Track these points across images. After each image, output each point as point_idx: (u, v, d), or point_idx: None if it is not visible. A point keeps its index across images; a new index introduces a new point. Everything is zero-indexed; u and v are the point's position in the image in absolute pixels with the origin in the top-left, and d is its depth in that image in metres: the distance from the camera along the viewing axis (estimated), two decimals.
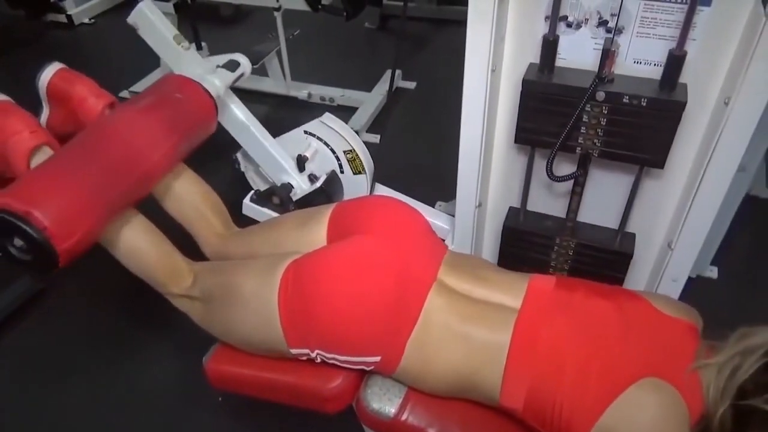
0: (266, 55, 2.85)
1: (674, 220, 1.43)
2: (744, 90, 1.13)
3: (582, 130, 1.31)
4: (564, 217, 1.51)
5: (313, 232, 1.18)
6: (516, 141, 1.40)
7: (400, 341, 1.01)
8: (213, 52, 3.18)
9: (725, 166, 1.24)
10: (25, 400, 1.74)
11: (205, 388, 1.22)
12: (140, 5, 1.65)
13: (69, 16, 3.76)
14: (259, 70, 2.96)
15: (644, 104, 1.22)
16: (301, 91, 3.01)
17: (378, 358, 1.03)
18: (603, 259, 1.48)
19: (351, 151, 1.76)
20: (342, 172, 1.79)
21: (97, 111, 1.34)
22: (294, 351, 1.05)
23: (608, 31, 1.24)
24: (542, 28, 1.28)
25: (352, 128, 2.73)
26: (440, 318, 1.02)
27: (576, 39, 1.29)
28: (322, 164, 1.79)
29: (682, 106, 1.21)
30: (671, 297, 1.10)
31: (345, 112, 2.88)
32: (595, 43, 1.28)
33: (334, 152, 1.77)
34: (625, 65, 1.28)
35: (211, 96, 1.39)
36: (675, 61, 1.21)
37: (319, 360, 1.06)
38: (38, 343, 1.90)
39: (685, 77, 1.24)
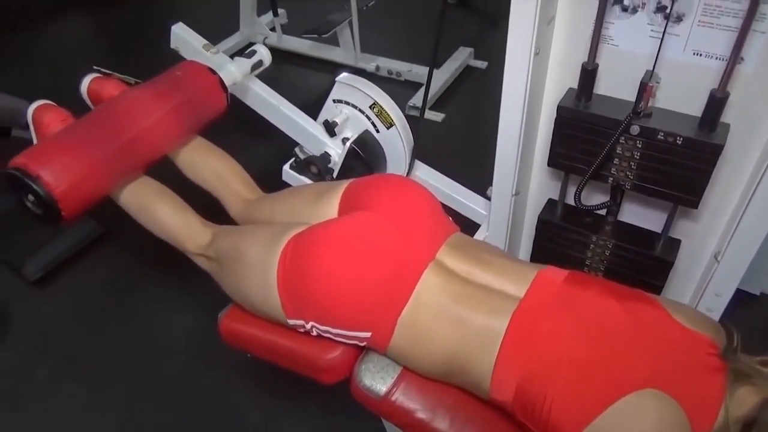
0: (338, 24, 2.85)
1: (725, 230, 1.31)
2: None
3: (615, 162, 1.27)
4: (604, 215, 1.43)
5: (326, 205, 1.18)
6: (549, 164, 1.38)
7: (390, 318, 1.00)
8: (290, 19, 3.25)
9: None
10: (74, 332, 1.89)
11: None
12: (173, 29, 1.84)
13: None
14: (331, 40, 2.98)
15: (680, 143, 1.17)
16: (370, 63, 3.00)
17: (369, 334, 1.02)
18: (641, 263, 1.39)
19: (375, 104, 1.73)
20: (377, 131, 1.78)
21: None
22: (291, 321, 1.07)
23: (666, 17, 1.15)
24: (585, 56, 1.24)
25: (413, 104, 2.72)
26: (433, 298, 0.99)
27: (631, 25, 1.20)
28: (356, 127, 1.80)
29: (719, 149, 1.14)
30: (694, 308, 1.02)
31: (411, 88, 2.86)
32: (651, 31, 1.19)
33: (363, 112, 1.76)
34: (683, 55, 1.18)
35: (215, 73, 1.50)
36: (716, 103, 1.13)
37: (314, 333, 1.06)
38: (94, 281, 2.06)
39: (729, 116, 1.16)
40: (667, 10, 1.14)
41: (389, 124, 1.72)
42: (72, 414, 1.67)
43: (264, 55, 1.67)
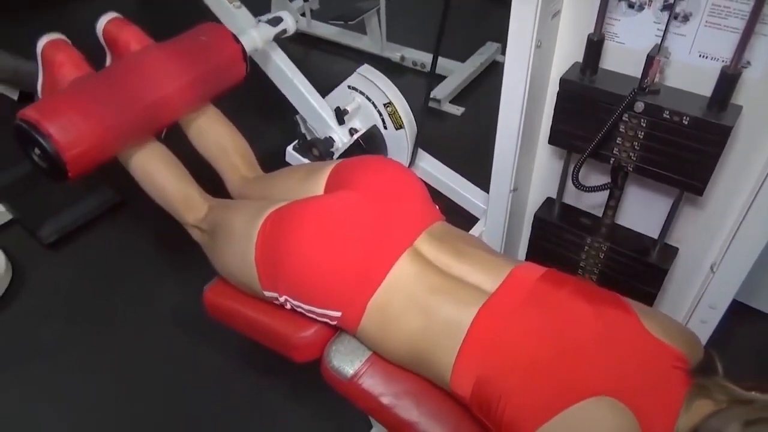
0: (365, 12, 2.84)
1: (725, 240, 1.27)
2: None
3: (618, 141, 1.21)
4: (601, 217, 1.40)
5: (314, 184, 1.18)
6: (550, 142, 1.33)
7: (360, 300, 1.00)
8: (321, 5, 3.25)
9: None
10: (81, 296, 1.95)
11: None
12: None
13: None
14: (358, 28, 2.98)
15: (686, 123, 1.10)
16: (395, 53, 2.99)
17: (339, 314, 1.03)
18: (635, 269, 1.35)
19: (390, 103, 1.73)
20: (385, 128, 1.77)
21: None
22: (266, 293, 1.08)
23: (670, 14, 1.11)
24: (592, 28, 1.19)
25: (434, 96, 2.70)
26: (406, 285, 0.99)
27: (637, 22, 1.17)
28: (365, 119, 1.79)
29: (726, 131, 1.07)
30: (671, 319, 0.98)
31: (434, 80, 2.83)
32: (658, 29, 1.15)
33: (375, 107, 1.76)
34: (689, 57, 1.14)
35: (238, 41, 1.45)
36: (727, 80, 1.06)
37: (288, 306, 1.08)
38: (105, 248, 2.12)
39: (741, 98, 1.09)
40: (674, 9, 1.10)
41: (399, 126, 1.72)
42: (71, 374, 1.72)
43: (289, 24, 1.63)
